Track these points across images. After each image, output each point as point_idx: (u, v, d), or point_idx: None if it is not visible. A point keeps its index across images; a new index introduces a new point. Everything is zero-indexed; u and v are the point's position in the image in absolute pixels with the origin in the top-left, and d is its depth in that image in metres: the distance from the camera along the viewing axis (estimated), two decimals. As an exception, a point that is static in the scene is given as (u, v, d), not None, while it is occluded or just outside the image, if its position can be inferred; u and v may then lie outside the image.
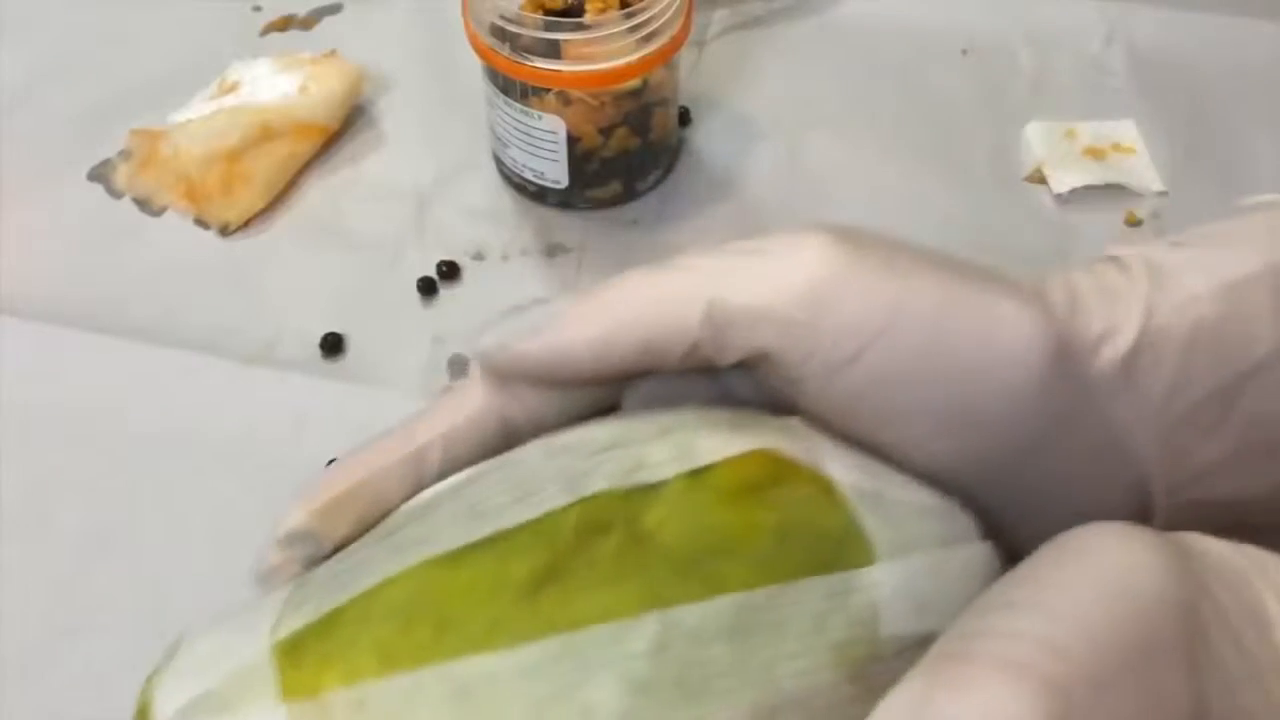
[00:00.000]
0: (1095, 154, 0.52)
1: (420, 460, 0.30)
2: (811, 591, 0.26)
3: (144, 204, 0.51)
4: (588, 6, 0.47)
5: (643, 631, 0.25)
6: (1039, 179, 0.52)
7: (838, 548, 0.26)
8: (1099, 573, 0.24)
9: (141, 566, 0.41)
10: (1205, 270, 0.32)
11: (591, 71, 0.45)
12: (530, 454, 0.29)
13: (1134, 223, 0.50)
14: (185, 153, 0.51)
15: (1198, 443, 0.31)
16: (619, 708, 0.24)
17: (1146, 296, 0.31)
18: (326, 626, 0.26)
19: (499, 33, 0.45)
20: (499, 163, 0.52)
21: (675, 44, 0.47)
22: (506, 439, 0.30)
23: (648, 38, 0.46)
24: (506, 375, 0.30)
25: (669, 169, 0.52)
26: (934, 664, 0.23)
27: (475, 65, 0.48)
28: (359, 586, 0.26)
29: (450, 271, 0.48)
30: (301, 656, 0.25)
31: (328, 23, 0.59)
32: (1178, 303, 0.31)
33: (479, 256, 0.49)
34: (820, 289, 0.28)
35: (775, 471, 0.27)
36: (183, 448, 0.43)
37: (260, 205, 0.51)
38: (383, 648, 0.25)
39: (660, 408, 0.30)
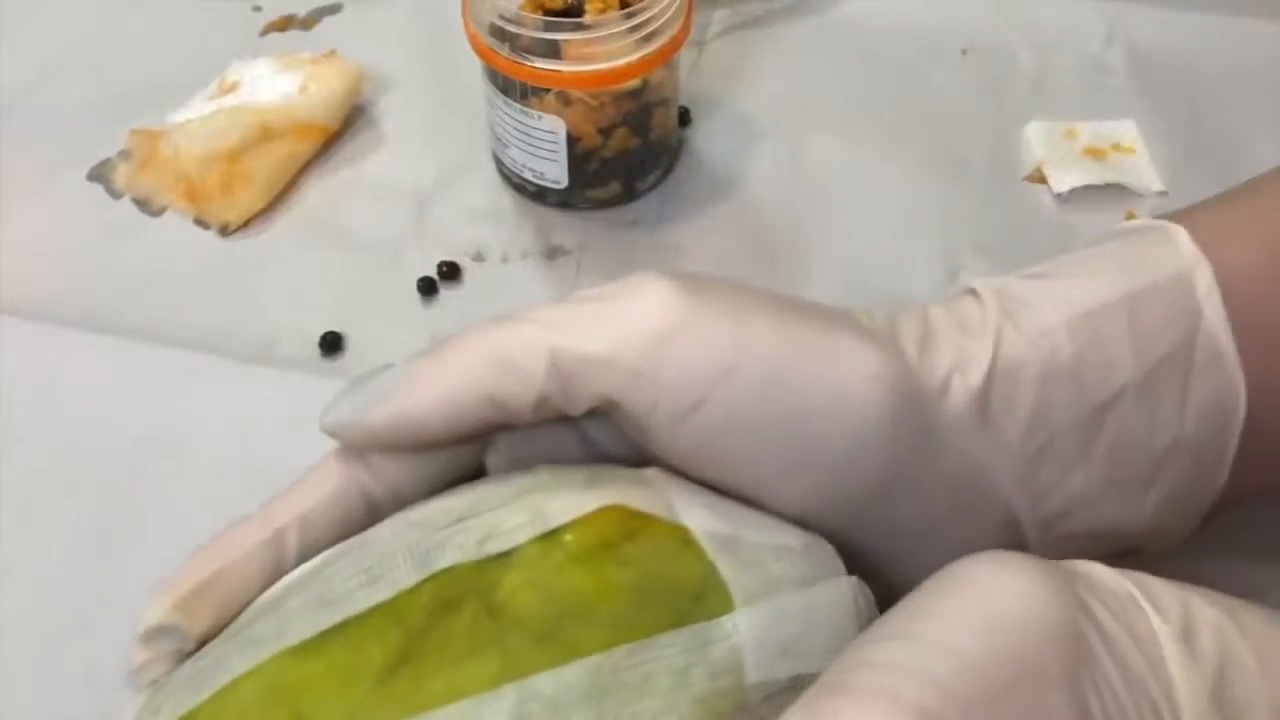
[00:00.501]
0: (1095, 154, 0.52)
1: (278, 544, 0.29)
2: (670, 646, 0.25)
3: (144, 204, 0.51)
4: (587, 6, 0.47)
5: (499, 706, 0.24)
6: (1039, 179, 0.52)
7: (695, 599, 0.26)
8: (979, 602, 0.24)
9: (141, 566, 0.41)
10: (1061, 300, 0.32)
11: (591, 71, 0.45)
12: (382, 532, 0.28)
13: (1134, 223, 0.50)
14: (185, 153, 0.51)
15: (1063, 476, 0.31)
16: None
17: (998, 330, 0.31)
18: None
19: (499, 33, 0.45)
20: (499, 163, 0.52)
21: (675, 44, 0.47)
22: (368, 514, 0.30)
23: (648, 38, 0.46)
24: (360, 447, 0.30)
25: (669, 169, 0.52)
26: (812, 697, 0.23)
27: (475, 65, 0.48)
28: (213, 686, 0.26)
29: (450, 272, 0.48)
30: None
31: (328, 23, 0.59)
32: (1032, 335, 0.31)
33: (479, 257, 0.49)
34: (661, 337, 0.28)
35: (628, 526, 0.27)
36: (183, 447, 0.43)
37: (260, 205, 0.51)
38: None
39: (519, 469, 0.29)
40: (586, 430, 0.31)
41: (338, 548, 0.29)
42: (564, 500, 0.27)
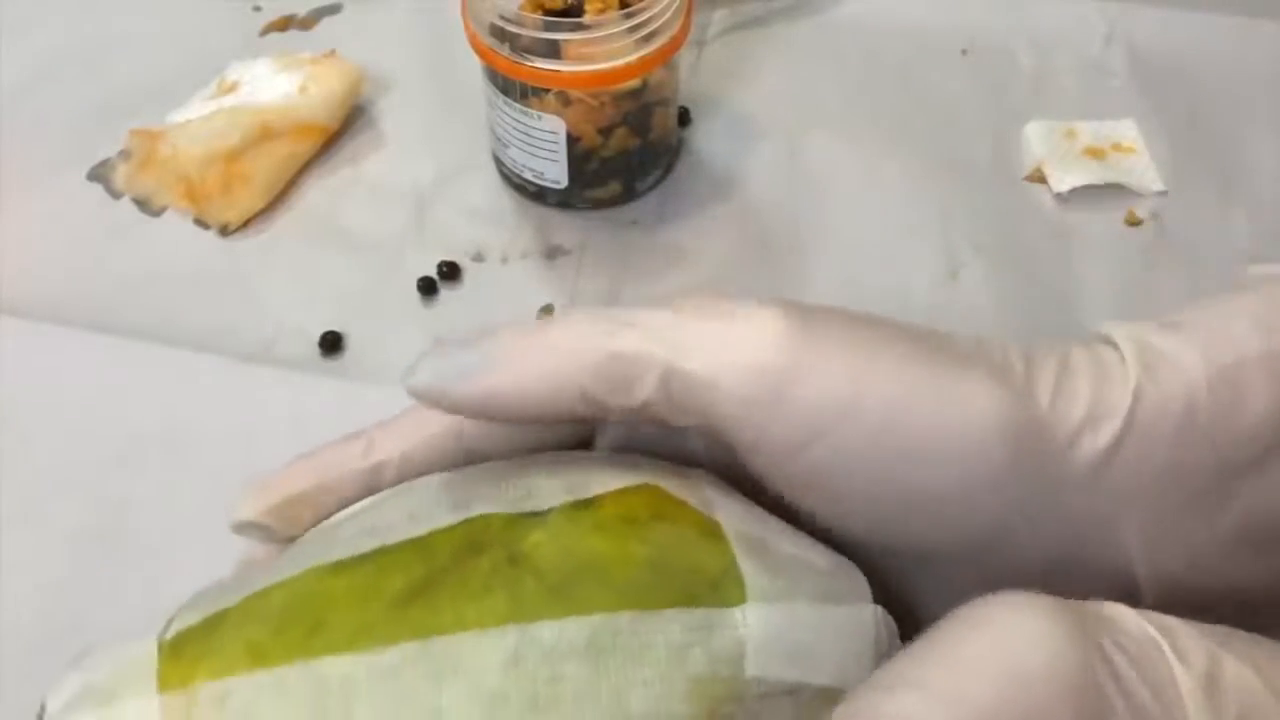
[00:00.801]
0: (1095, 154, 0.52)
1: (375, 476, 0.30)
2: (675, 622, 0.26)
3: (143, 204, 0.51)
4: (587, 6, 0.47)
5: (500, 644, 0.25)
6: (1039, 179, 0.52)
7: (711, 586, 0.26)
8: (992, 650, 0.23)
9: (141, 566, 0.41)
10: (1200, 353, 0.30)
11: (591, 71, 0.45)
12: (434, 480, 0.29)
13: (1134, 223, 0.50)
14: (185, 153, 0.51)
15: (1189, 534, 0.30)
16: (467, 716, 0.24)
17: (1138, 384, 0.30)
18: (211, 626, 0.27)
19: (499, 33, 0.45)
20: (499, 163, 0.52)
21: (675, 44, 0.47)
22: (464, 460, 0.30)
23: (648, 38, 0.46)
24: (442, 412, 0.30)
25: (669, 169, 0.52)
26: None
27: (475, 65, 0.48)
28: (248, 590, 0.27)
29: (451, 272, 0.48)
30: (182, 652, 0.26)
31: (328, 23, 0.59)
32: (1170, 389, 0.30)
33: (479, 257, 0.49)
34: (779, 371, 0.28)
35: (658, 507, 0.27)
36: (182, 447, 0.43)
37: (260, 205, 0.51)
38: (255, 646, 0.26)
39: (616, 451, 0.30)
40: (689, 435, 0.31)
41: (396, 488, 0.30)
42: (604, 475, 0.28)
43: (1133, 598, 0.29)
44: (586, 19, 0.45)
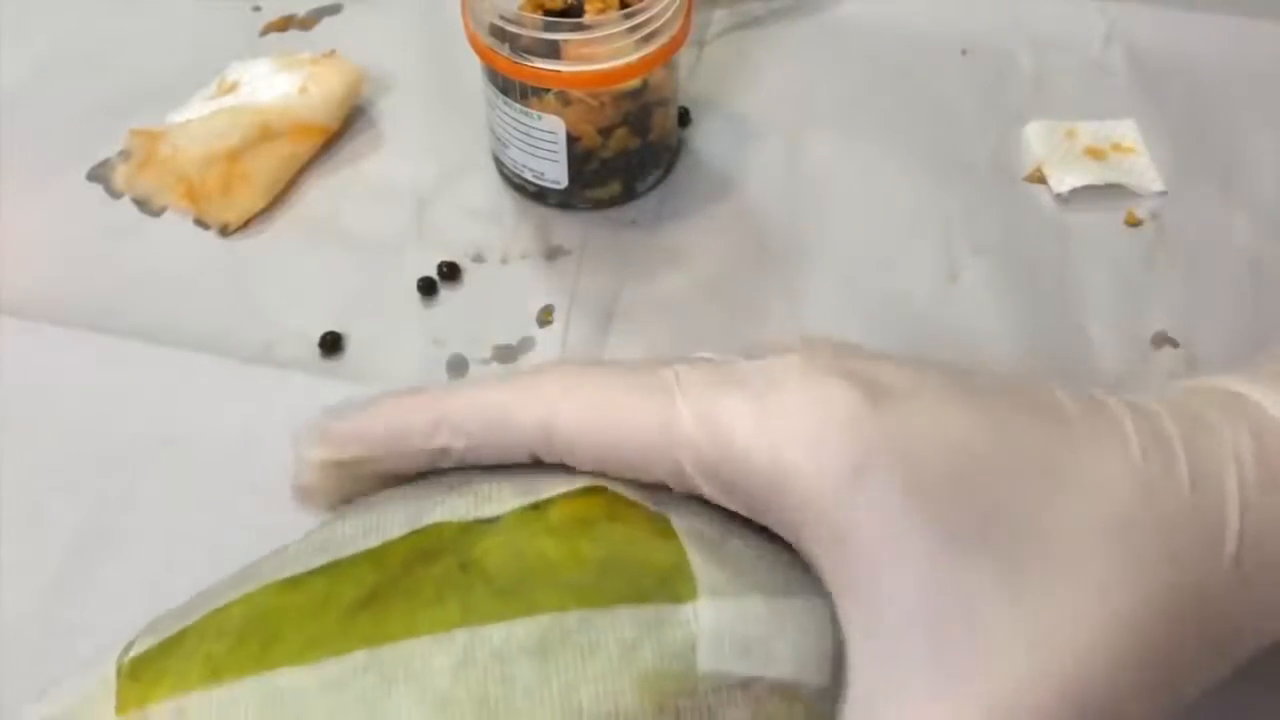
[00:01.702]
0: (1095, 154, 0.52)
1: (433, 460, 0.30)
2: (624, 619, 0.26)
3: (144, 204, 0.51)
4: (587, 6, 0.47)
5: (448, 647, 0.25)
6: (1039, 179, 0.52)
7: (661, 582, 0.26)
8: None
9: (141, 566, 0.41)
10: None
11: (591, 72, 0.45)
12: (390, 494, 0.30)
13: (1134, 223, 0.50)
14: (185, 153, 0.51)
15: None
16: (417, 719, 0.24)
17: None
18: (169, 646, 0.27)
19: (499, 33, 0.45)
20: (499, 163, 0.52)
21: (675, 44, 0.47)
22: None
23: (648, 38, 0.46)
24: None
25: (669, 169, 0.52)
26: None
27: (475, 65, 0.48)
28: (205, 609, 0.28)
29: (451, 272, 0.48)
30: (141, 673, 0.27)
31: (328, 23, 0.59)
32: None
33: (479, 257, 0.49)
34: (851, 473, 0.25)
35: (610, 509, 0.27)
36: (183, 447, 0.43)
37: (260, 205, 0.51)
38: (211, 661, 0.26)
39: None
40: None
41: (355, 504, 0.30)
42: (556, 479, 0.28)
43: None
44: (586, 19, 0.45)
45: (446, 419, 0.29)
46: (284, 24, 0.58)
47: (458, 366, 0.46)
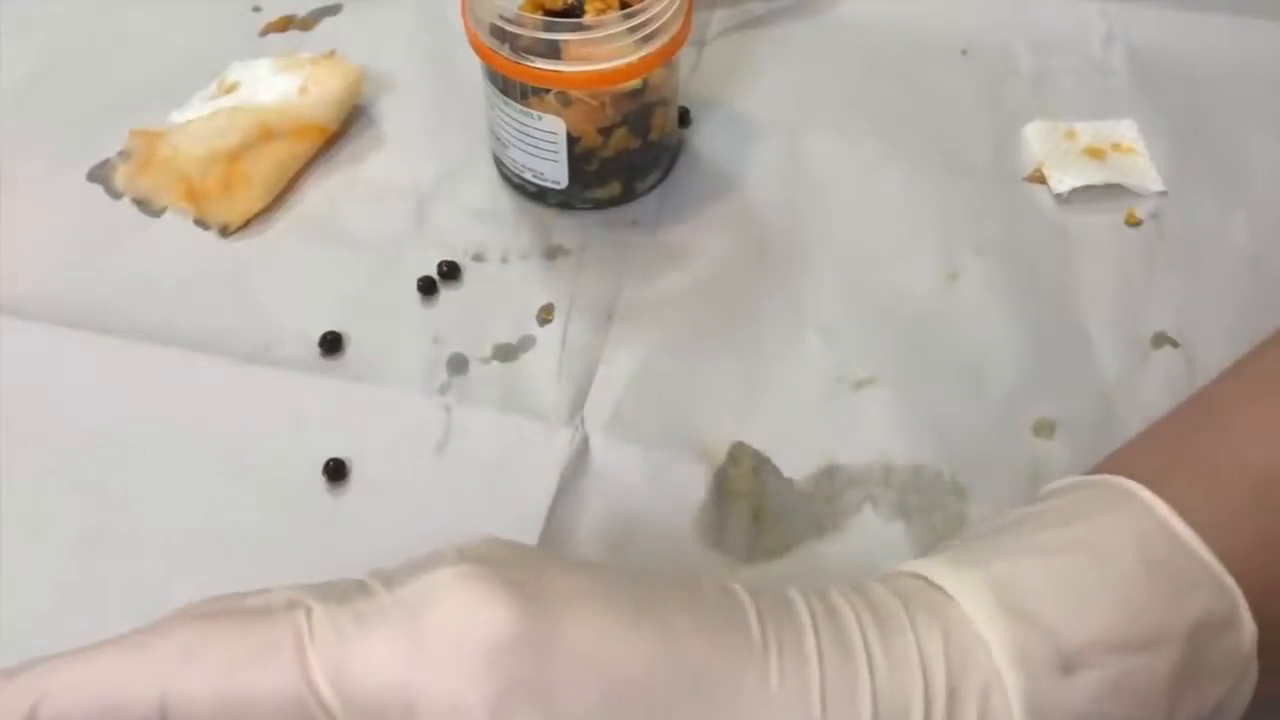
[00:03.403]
0: (1095, 154, 0.52)
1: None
2: None
3: (144, 204, 0.51)
4: (587, 7, 0.47)
5: None
6: (1039, 179, 0.52)
7: None
8: None
9: (141, 566, 0.41)
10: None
11: (591, 72, 0.45)
12: None
13: (1134, 223, 0.50)
14: (185, 153, 0.51)
15: None
16: None
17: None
18: None
19: (499, 33, 0.45)
20: (499, 163, 0.52)
21: (675, 44, 0.47)
22: None
23: (648, 38, 0.46)
24: None
25: (669, 169, 0.52)
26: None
27: (475, 65, 0.48)
28: None
29: (451, 272, 0.48)
30: None
31: (328, 23, 0.59)
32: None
33: (479, 257, 0.49)
34: (492, 701, 0.24)
35: None
36: (182, 447, 0.43)
37: (260, 206, 0.51)
38: None
39: None
40: None
41: None
42: None
43: None
44: (586, 19, 0.45)
45: (46, 701, 0.26)
46: (284, 24, 0.58)
47: (458, 365, 0.46)
